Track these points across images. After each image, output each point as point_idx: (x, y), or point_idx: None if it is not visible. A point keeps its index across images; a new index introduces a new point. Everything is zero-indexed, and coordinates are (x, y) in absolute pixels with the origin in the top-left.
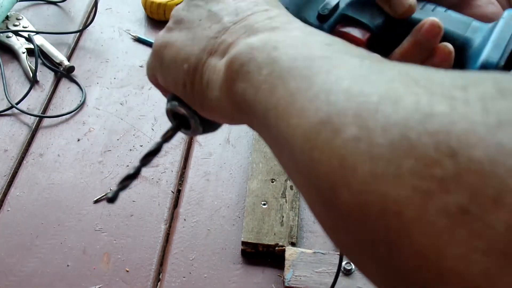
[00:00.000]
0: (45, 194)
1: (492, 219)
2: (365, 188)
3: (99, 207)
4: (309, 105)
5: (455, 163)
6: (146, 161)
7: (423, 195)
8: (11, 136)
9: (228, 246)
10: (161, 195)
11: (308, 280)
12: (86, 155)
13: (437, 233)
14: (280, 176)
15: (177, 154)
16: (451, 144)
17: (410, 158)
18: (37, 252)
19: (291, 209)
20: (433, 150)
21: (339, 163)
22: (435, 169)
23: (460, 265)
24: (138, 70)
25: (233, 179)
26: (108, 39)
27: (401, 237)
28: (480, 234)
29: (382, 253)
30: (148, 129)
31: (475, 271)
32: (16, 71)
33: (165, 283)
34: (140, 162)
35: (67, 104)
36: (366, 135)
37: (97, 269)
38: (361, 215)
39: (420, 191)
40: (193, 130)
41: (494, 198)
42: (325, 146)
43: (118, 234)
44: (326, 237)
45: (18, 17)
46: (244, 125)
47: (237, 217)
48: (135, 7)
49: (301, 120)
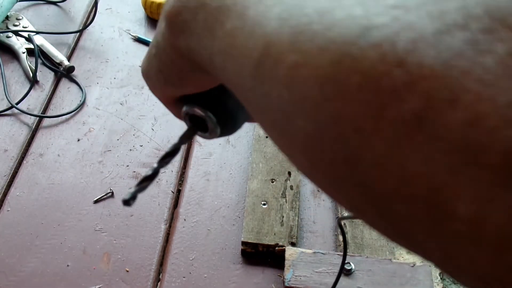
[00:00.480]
0: (45, 194)
1: (449, 119)
2: (317, 112)
3: (99, 207)
4: (247, 42)
5: (404, 72)
6: (163, 163)
7: (377, 107)
8: (11, 136)
9: (228, 246)
10: (161, 195)
11: (308, 280)
12: (86, 155)
13: (397, 141)
14: (280, 176)
15: (177, 154)
16: (398, 53)
17: (355, 74)
18: (37, 252)
19: (291, 209)
20: (378, 62)
21: (288, 92)
22: (383, 81)
23: (423, 168)
24: (138, 70)
25: (233, 179)
26: (108, 39)
27: (362, 152)
28: (440, 136)
29: (341, 172)
30: (148, 129)
31: (439, 171)
32: (16, 71)
33: (165, 283)
34: (158, 164)
35: (67, 104)
36: (305, 59)
37: (97, 269)
38: (318, 140)
39: (372, 105)
40: (211, 133)
41: (449, 99)
42: (271, 79)
43: (118, 234)
44: (326, 237)
45: (18, 17)
46: (244, 126)
47: (237, 217)
48: (135, 7)
49: (244, 60)
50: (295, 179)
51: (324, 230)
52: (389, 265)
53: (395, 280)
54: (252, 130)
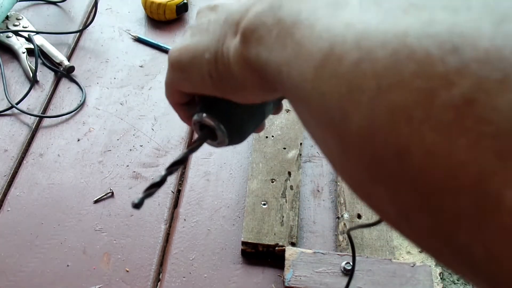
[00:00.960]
0: (45, 194)
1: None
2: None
3: (99, 207)
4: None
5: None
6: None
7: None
8: (11, 136)
9: (228, 246)
10: (161, 195)
11: (308, 280)
12: (86, 155)
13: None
14: (280, 176)
15: (177, 154)
16: (454, 42)
17: (411, 63)
18: (37, 252)
19: (291, 209)
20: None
21: (347, 88)
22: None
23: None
24: (138, 70)
25: (233, 179)
26: (108, 39)
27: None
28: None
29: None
30: (148, 129)
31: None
32: (16, 71)
33: (165, 283)
34: (166, 171)
35: (67, 104)
36: (366, 55)
37: (97, 269)
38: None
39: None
40: (219, 142)
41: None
42: (332, 77)
43: (118, 234)
44: (326, 237)
45: (18, 17)
46: None
47: (237, 217)
48: (135, 7)
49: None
50: (295, 179)
51: (324, 230)
52: (389, 265)
53: (395, 280)
54: None
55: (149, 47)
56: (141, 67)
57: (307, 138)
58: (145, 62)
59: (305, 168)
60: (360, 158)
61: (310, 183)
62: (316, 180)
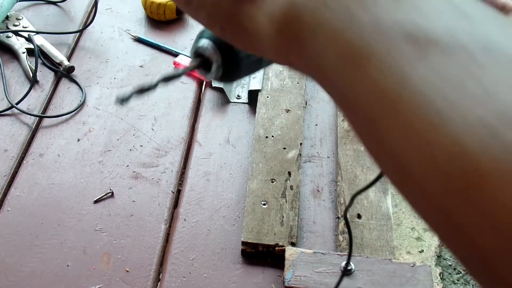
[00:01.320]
0: (45, 194)
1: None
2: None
3: (99, 207)
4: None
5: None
6: (165, 81)
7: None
8: (11, 136)
9: (228, 246)
10: (161, 195)
11: (308, 280)
12: (86, 155)
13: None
14: (280, 176)
15: (177, 154)
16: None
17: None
18: (37, 252)
19: (291, 209)
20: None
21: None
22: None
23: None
24: (138, 70)
25: (233, 179)
26: (108, 39)
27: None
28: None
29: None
30: (148, 129)
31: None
32: (16, 71)
33: (165, 283)
34: (160, 78)
35: (67, 104)
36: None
37: (97, 269)
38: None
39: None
40: (211, 74)
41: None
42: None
43: (118, 234)
44: (326, 237)
45: (18, 17)
46: (244, 126)
47: (237, 217)
48: (135, 7)
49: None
50: (295, 179)
51: (324, 230)
52: (389, 265)
53: (395, 280)
54: (252, 130)
55: (149, 47)
56: (141, 67)
57: (307, 138)
58: (145, 62)
59: (305, 168)
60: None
61: (310, 183)
62: (316, 180)
